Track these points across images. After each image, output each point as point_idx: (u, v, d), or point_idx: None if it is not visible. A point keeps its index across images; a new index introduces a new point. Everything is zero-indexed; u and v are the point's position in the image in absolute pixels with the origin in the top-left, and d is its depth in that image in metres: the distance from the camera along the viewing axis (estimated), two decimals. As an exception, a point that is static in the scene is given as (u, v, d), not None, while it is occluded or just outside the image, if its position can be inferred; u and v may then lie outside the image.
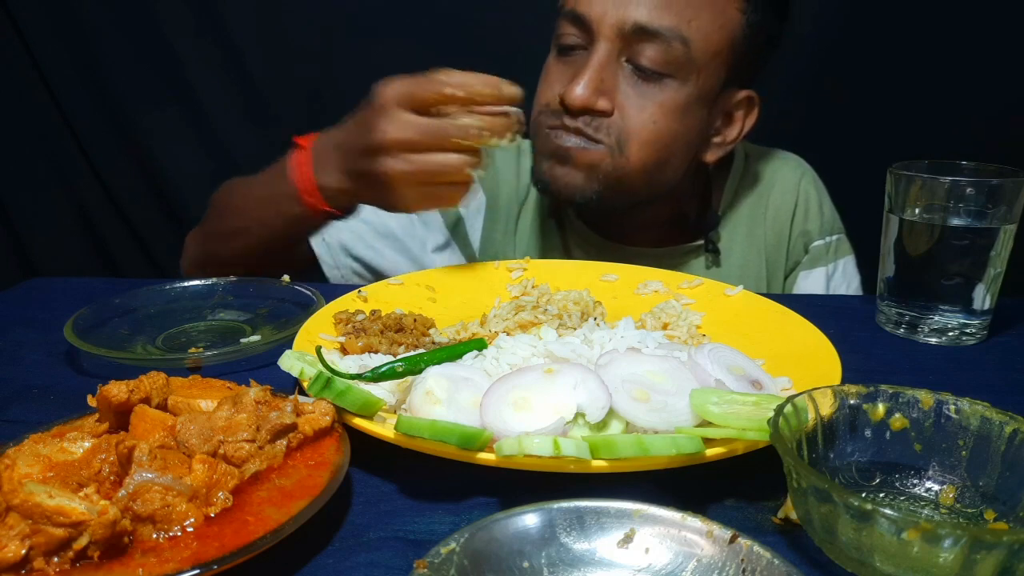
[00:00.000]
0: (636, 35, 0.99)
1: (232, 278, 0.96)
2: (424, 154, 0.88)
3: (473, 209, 1.24)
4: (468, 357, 0.69)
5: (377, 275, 1.20)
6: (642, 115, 1.02)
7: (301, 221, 1.01)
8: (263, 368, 0.79)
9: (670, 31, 0.99)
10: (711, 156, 1.14)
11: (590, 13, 1.01)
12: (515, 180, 1.25)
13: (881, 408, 0.56)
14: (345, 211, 1.01)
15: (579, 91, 1.00)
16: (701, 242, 1.20)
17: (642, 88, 1.02)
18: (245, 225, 1.07)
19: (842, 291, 1.22)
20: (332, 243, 1.17)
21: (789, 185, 1.23)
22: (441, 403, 0.59)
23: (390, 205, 0.95)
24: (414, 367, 0.66)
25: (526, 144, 1.29)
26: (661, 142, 1.05)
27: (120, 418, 0.57)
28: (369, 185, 0.92)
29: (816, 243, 1.22)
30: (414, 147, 0.88)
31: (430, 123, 0.88)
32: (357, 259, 1.20)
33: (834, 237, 1.23)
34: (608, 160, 1.04)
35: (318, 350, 0.65)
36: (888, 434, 0.56)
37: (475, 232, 1.24)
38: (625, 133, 1.03)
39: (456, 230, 1.23)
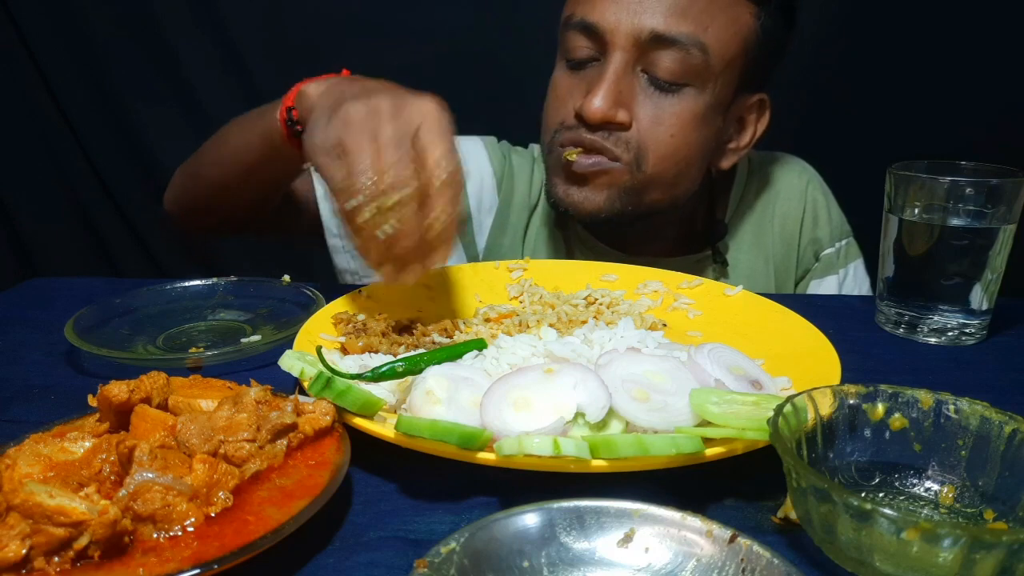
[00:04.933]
0: (652, 44, 0.96)
1: (233, 278, 0.96)
2: (372, 151, 0.71)
3: (485, 209, 1.22)
4: (468, 357, 0.69)
5: None
6: (659, 128, 1.00)
7: (269, 134, 0.92)
8: (263, 368, 0.79)
9: (688, 38, 0.96)
10: (726, 163, 1.13)
11: (603, 22, 0.97)
12: (528, 187, 1.24)
13: (880, 408, 0.56)
14: (302, 131, 0.86)
15: (597, 103, 0.96)
16: (708, 252, 1.19)
17: (658, 99, 0.99)
18: (228, 151, 1.02)
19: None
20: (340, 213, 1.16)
21: (795, 192, 1.22)
22: (441, 403, 0.59)
23: (309, 132, 0.78)
24: (414, 367, 0.66)
25: (539, 150, 1.28)
26: (679, 154, 1.02)
27: (121, 418, 0.57)
28: (329, 111, 0.76)
29: (827, 251, 1.21)
30: (375, 140, 0.71)
31: (396, 165, 0.70)
32: None
33: (843, 242, 1.22)
34: (627, 177, 1.02)
35: (319, 350, 0.65)
36: (887, 434, 0.56)
37: (482, 234, 1.22)
38: (643, 148, 1.00)
39: (462, 228, 1.21)
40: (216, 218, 1.16)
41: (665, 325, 0.87)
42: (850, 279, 1.22)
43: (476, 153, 1.22)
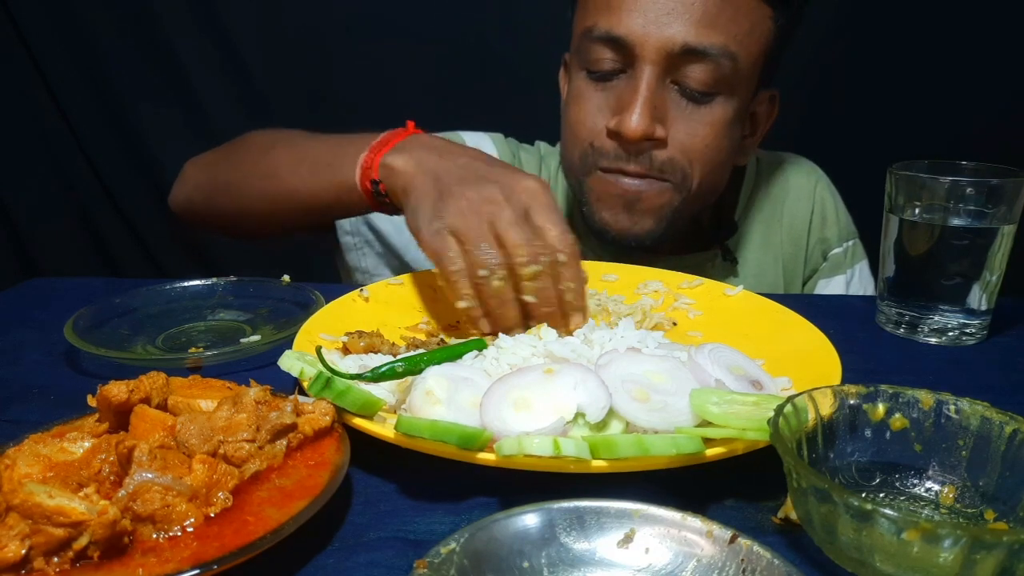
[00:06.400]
0: (683, 56, 0.94)
1: (232, 278, 0.96)
2: (489, 238, 0.75)
3: None
4: (468, 357, 0.69)
5: (388, 249, 1.20)
6: (696, 139, 0.99)
7: (343, 191, 0.93)
8: (263, 368, 0.79)
9: (719, 49, 0.94)
10: (744, 159, 1.13)
11: (631, 35, 0.94)
12: None
13: (881, 408, 0.56)
14: (390, 201, 0.90)
15: (635, 121, 0.94)
16: (716, 250, 1.19)
17: (692, 110, 0.98)
18: (284, 190, 1.01)
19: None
20: None
21: (804, 192, 1.22)
22: (441, 403, 0.59)
23: (415, 215, 0.81)
24: (414, 367, 0.66)
25: (545, 148, 1.28)
26: (715, 161, 1.02)
27: (120, 418, 0.57)
28: (434, 193, 0.80)
29: (835, 251, 1.22)
30: (495, 225, 0.76)
31: (526, 243, 0.75)
32: (375, 231, 1.19)
33: (850, 243, 1.23)
34: (676, 196, 1.02)
35: (318, 350, 0.65)
36: (888, 434, 0.56)
37: None
38: (686, 164, 1.00)
39: None
40: (240, 233, 1.18)
41: (675, 324, 0.87)
42: (856, 280, 1.22)
43: (486, 149, 1.22)
